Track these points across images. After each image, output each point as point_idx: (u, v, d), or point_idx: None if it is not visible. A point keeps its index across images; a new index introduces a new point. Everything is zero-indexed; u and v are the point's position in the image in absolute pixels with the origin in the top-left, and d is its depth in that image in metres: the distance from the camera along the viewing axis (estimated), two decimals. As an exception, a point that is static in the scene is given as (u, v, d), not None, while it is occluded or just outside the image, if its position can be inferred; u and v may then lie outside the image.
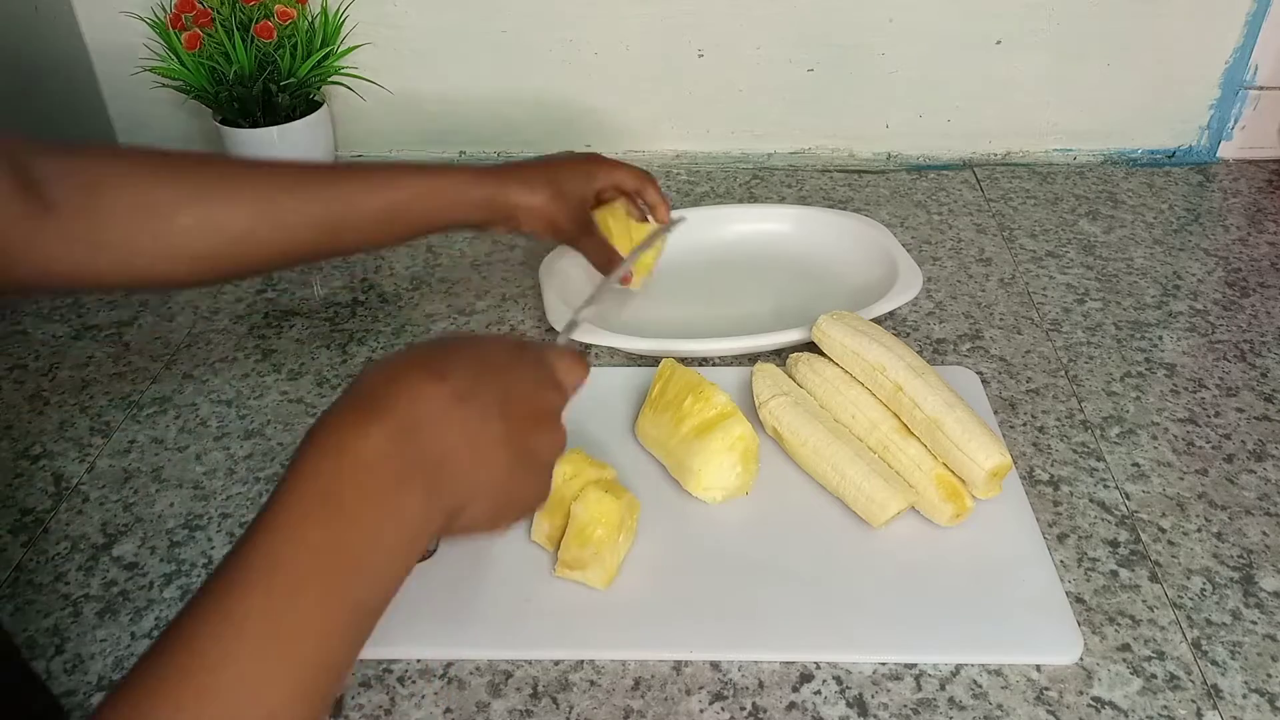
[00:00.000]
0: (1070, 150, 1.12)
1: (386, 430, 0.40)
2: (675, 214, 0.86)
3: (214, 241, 0.62)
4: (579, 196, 0.78)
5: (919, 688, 0.57)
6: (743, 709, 0.56)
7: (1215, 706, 0.56)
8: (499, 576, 0.64)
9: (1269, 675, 0.58)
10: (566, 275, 0.89)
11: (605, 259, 0.79)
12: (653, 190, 0.83)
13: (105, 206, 0.58)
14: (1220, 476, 0.71)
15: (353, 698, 0.57)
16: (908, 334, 0.85)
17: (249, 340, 0.87)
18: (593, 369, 0.80)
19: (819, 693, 0.57)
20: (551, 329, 0.85)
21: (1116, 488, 0.70)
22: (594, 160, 0.82)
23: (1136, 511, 0.68)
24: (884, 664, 0.59)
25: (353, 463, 0.39)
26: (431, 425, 0.41)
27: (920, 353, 0.78)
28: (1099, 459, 0.73)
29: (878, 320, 0.81)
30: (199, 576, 0.66)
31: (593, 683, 0.58)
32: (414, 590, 0.63)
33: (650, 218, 0.85)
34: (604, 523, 0.61)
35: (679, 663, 0.59)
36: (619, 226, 0.83)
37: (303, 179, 0.66)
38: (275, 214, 0.64)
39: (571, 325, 0.67)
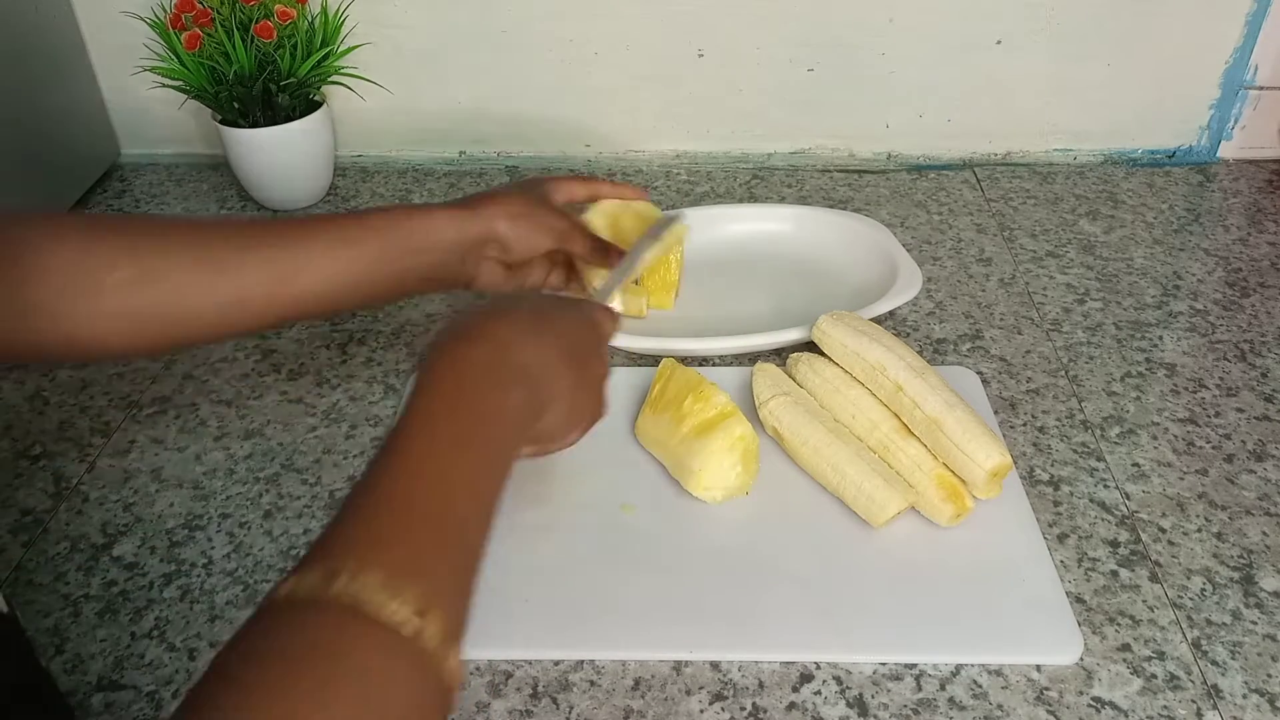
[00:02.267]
0: (1070, 150, 1.12)
1: (487, 346, 0.49)
2: (671, 212, 0.84)
3: (152, 296, 0.56)
4: (544, 196, 0.74)
5: (919, 688, 0.57)
6: (743, 709, 0.56)
7: (1215, 707, 0.56)
8: (499, 577, 0.64)
9: (1269, 675, 0.58)
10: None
11: (599, 250, 0.74)
12: (605, 185, 0.80)
13: (31, 266, 0.53)
14: (1220, 476, 0.71)
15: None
16: (908, 334, 0.85)
17: (248, 340, 0.87)
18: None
19: (819, 693, 0.57)
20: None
21: (1117, 488, 0.70)
22: (536, 177, 0.76)
23: (1137, 511, 0.68)
24: (884, 664, 0.59)
25: (470, 368, 0.47)
26: (518, 343, 0.50)
27: (920, 353, 0.78)
28: (1099, 459, 0.73)
29: (878, 320, 0.81)
30: (199, 576, 0.66)
31: (593, 683, 0.58)
32: (414, 590, 0.63)
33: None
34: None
35: (679, 663, 0.59)
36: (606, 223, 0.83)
37: (247, 229, 0.61)
38: (214, 270, 0.58)
39: (604, 291, 0.69)
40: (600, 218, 0.83)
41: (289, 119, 1.00)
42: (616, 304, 0.74)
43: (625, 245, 0.86)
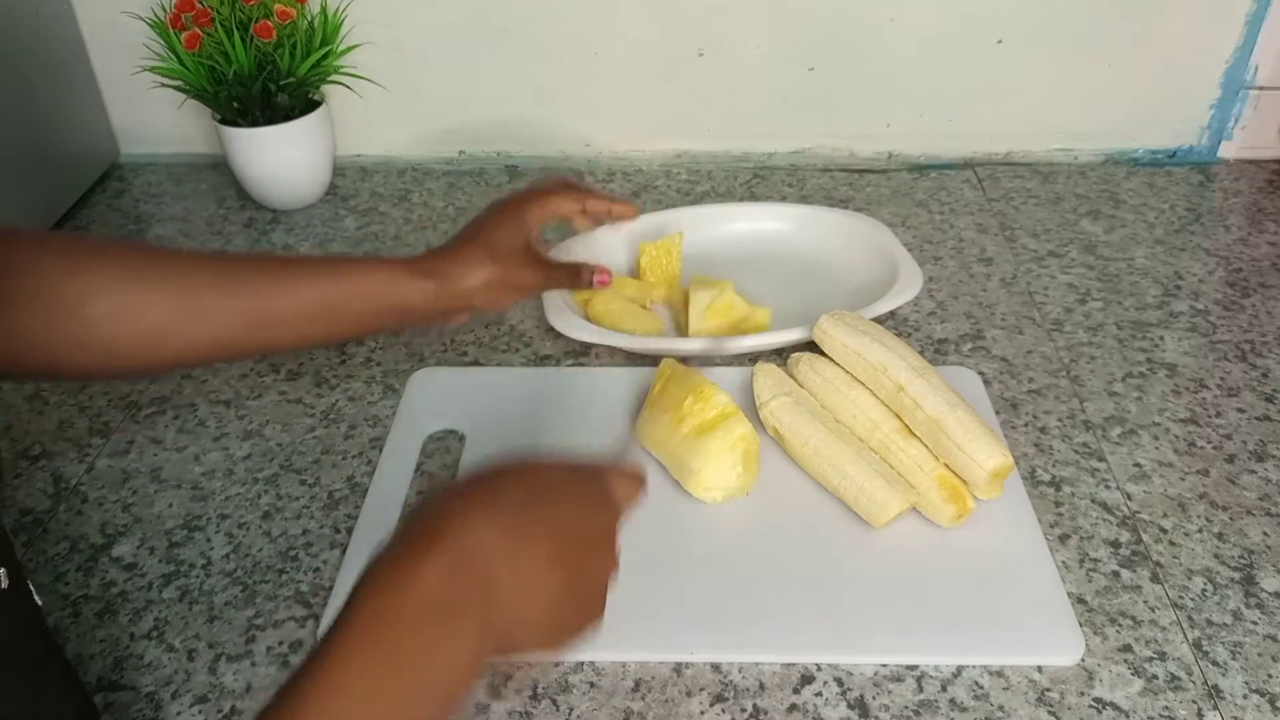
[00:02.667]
0: (1071, 150, 1.12)
1: (438, 567, 0.40)
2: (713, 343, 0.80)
3: (129, 332, 0.57)
4: (518, 246, 0.70)
5: (920, 689, 0.57)
6: (743, 710, 0.56)
7: (1216, 707, 0.56)
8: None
9: (1269, 675, 0.58)
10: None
11: (573, 275, 0.73)
12: (594, 199, 0.75)
13: (10, 291, 0.53)
14: (1221, 477, 0.71)
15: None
16: (909, 334, 0.85)
17: (248, 340, 0.87)
18: (593, 370, 0.81)
19: (820, 694, 0.57)
20: (551, 328, 0.85)
21: (1118, 488, 0.70)
22: (519, 201, 0.72)
23: (1138, 512, 0.68)
24: (885, 665, 0.58)
25: (406, 600, 0.40)
26: (484, 559, 0.42)
27: (921, 353, 0.78)
28: (1100, 459, 0.72)
29: (879, 320, 0.81)
30: (198, 577, 0.66)
31: (593, 684, 0.58)
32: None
33: (611, 222, 0.78)
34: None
35: (679, 664, 0.59)
36: (647, 261, 0.88)
37: (228, 270, 0.61)
38: (192, 306, 0.59)
39: (628, 441, 0.63)
40: (643, 257, 0.88)
41: (288, 118, 1.00)
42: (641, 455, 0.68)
43: (666, 279, 0.89)
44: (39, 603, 0.49)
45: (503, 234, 0.70)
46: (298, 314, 0.63)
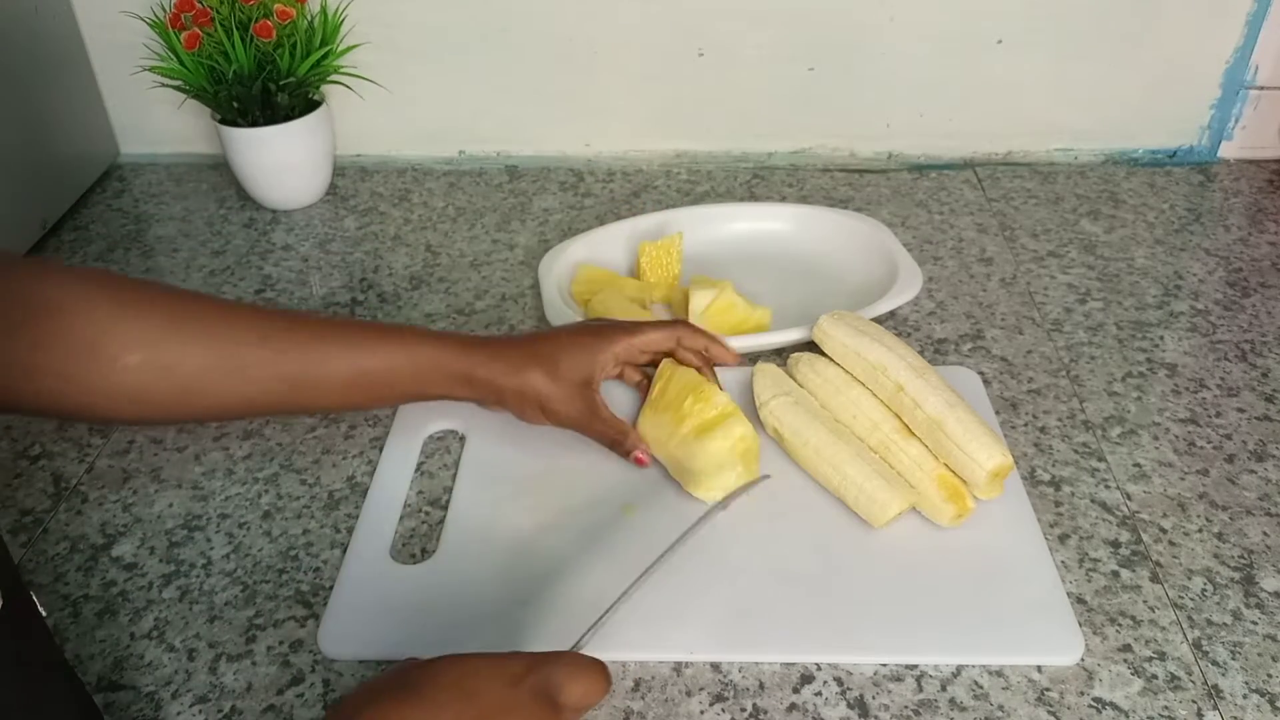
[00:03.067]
0: (1071, 150, 1.12)
1: None
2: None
3: (161, 385, 0.57)
4: (581, 378, 0.67)
5: (920, 689, 0.57)
6: (743, 710, 0.56)
7: (1216, 707, 0.56)
8: (499, 578, 0.64)
9: (1269, 675, 0.58)
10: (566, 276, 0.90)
11: (615, 437, 0.69)
12: (691, 338, 0.71)
13: (49, 331, 0.53)
14: (1221, 477, 0.71)
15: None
16: (909, 334, 0.85)
17: (248, 340, 0.87)
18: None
19: (820, 694, 0.57)
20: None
21: (1118, 488, 0.70)
22: (605, 332, 0.69)
23: (1138, 512, 0.68)
24: (885, 665, 0.58)
25: None
26: None
27: (921, 353, 0.78)
28: (1100, 459, 0.72)
29: (878, 320, 0.81)
30: (198, 577, 0.66)
31: (593, 683, 0.58)
32: (413, 595, 0.63)
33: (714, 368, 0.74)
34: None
35: (679, 664, 0.59)
36: (647, 261, 0.88)
37: (271, 327, 0.61)
38: (231, 364, 0.58)
39: (591, 631, 0.54)
40: (643, 257, 0.88)
41: (288, 118, 1.00)
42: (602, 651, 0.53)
43: (666, 279, 0.88)
44: (43, 613, 0.49)
45: (570, 357, 0.67)
46: (337, 380, 0.62)
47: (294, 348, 0.61)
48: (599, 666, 0.46)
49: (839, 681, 0.58)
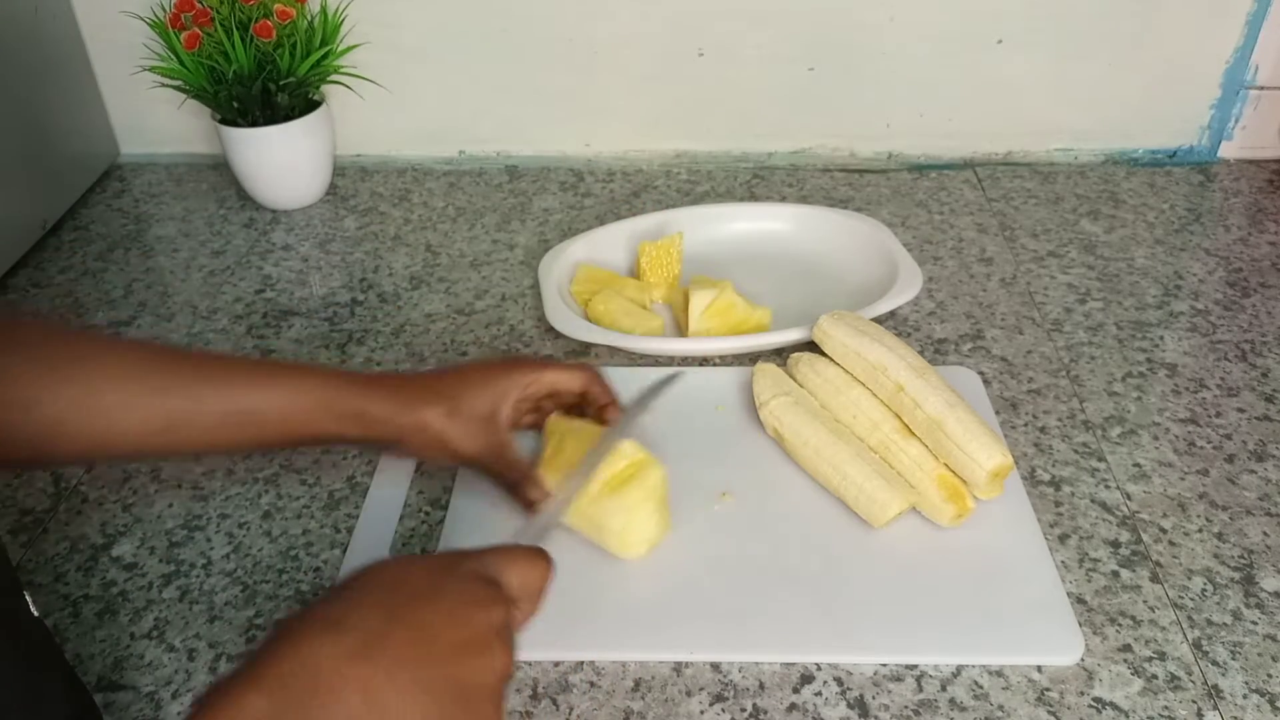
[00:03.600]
0: (1071, 150, 1.12)
1: (269, 701, 0.37)
2: (665, 374, 0.72)
3: (24, 421, 0.53)
4: (484, 413, 0.63)
5: (920, 689, 0.57)
6: (743, 710, 0.56)
7: (1216, 707, 0.56)
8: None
9: (1269, 675, 0.58)
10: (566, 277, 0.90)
11: (518, 480, 0.63)
12: (598, 388, 0.66)
13: None
14: (1221, 477, 0.71)
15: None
16: (909, 334, 0.85)
17: (248, 340, 0.87)
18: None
19: (820, 694, 0.57)
20: (551, 328, 0.85)
21: (1118, 488, 0.70)
22: (509, 368, 0.65)
23: (1138, 512, 0.68)
24: (885, 665, 0.58)
25: None
26: (327, 689, 0.37)
27: (921, 353, 0.78)
28: (1100, 459, 0.72)
29: (879, 320, 0.81)
30: (198, 576, 0.66)
31: (593, 684, 0.58)
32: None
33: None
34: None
35: (679, 664, 0.59)
36: (647, 261, 0.87)
37: (140, 366, 0.57)
38: (97, 402, 0.54)
39: (539, 529, 0.55)
40: (643, 257, 0.87)
41: (288, 118, 1.00)
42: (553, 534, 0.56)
43: (666, 279, 0.87)
44: (35, 614, 0.48)
45: (472, 391, 0.63)
46: (212, 418, 0.58)
47: (165, 384, 0.57)
48: (538, 551, 0.46)
49: (839, 681, 0.58)
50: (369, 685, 0.38)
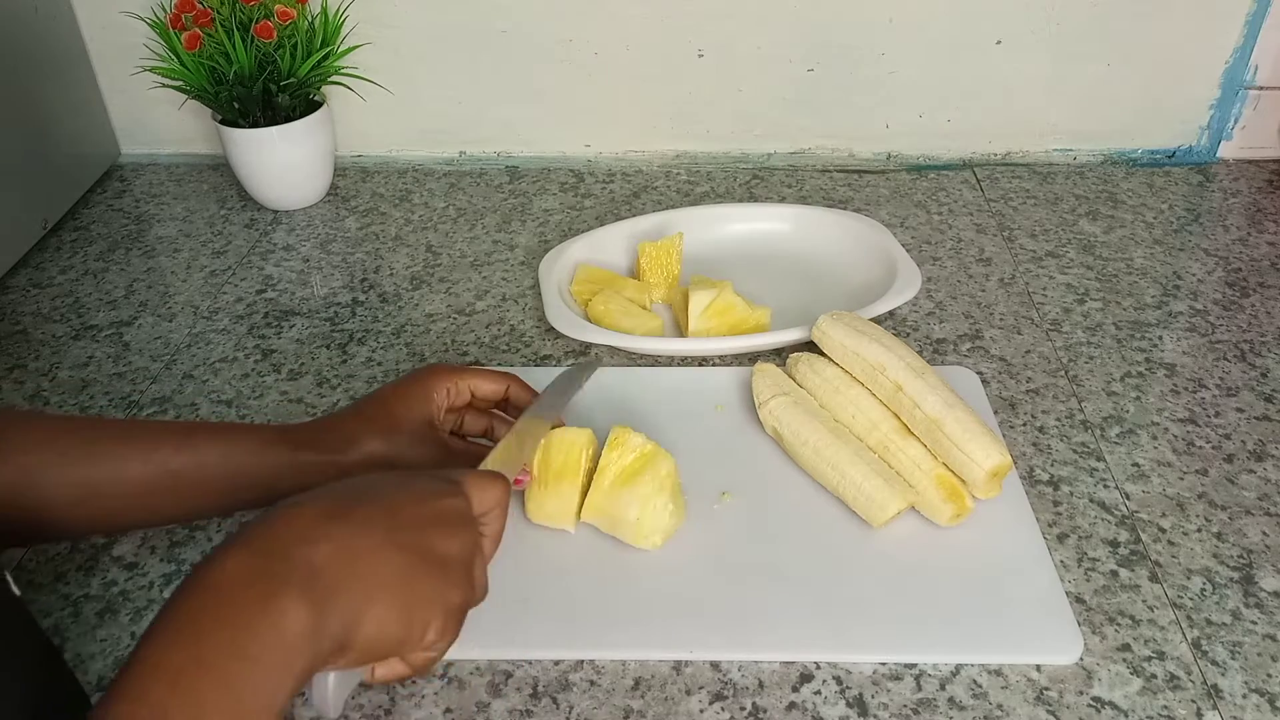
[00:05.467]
0: (1070, 150, 1.12)
1: (244, 554, 0.42)
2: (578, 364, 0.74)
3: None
4: (420, 421, 0.63)
5: (919, 688, 0.57)
6: (743, 709, 0.56)
7: (1215, 707, 0.56)
8: (498, 577, 0.64)
9: (1269, 675, 0.58)
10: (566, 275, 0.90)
11: (477, 456, 0.62)
12: (518, 389, 0.68)
13: None
14: (1220, 476, 0.71)
15: (352, 697, 0.57)
16: (908, 334, 0.85)
17: (249, 340, 0.87)
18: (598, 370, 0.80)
19: (819, 693, 0.57)
20: (551, 328, 0.85)
21: (1116, 488, 0.70)
22: (426, 375, 0.65)
23: (1136, 511, 0.68)
24: (884, 664, 0.59)
25: (208, 589, 0.41)
26: (298, 543, 0.43)
27: (920, 353, 0.78)
28: (1099, 459, 0.73)
29: (877, 320, 0.81)
30: (199, 576, 0.66)
31: (593, 683, 0.58)
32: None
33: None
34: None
35: (679, 663, 0.59)
36: (646, 261, 0.88)
37: (57, 435, 0.56)
38: (21, 471, 0.54)
39: (494, 460, 0.58)
40: (643, 257, 0.88)
41: (289, 119, 1.00)
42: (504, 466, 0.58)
43: (665, 280, 0.87)
44: (17, 593, 0.48)
45: (402, 405, 0.63)
46: (136, 483, 0.57)
47: (85, 449, 0.55)
48: (494, 473, 0.53)
49: (838, 680, 0.58)
50: (340, 537, 0.44)
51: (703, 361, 0.82)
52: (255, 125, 1.00)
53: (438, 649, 0.47)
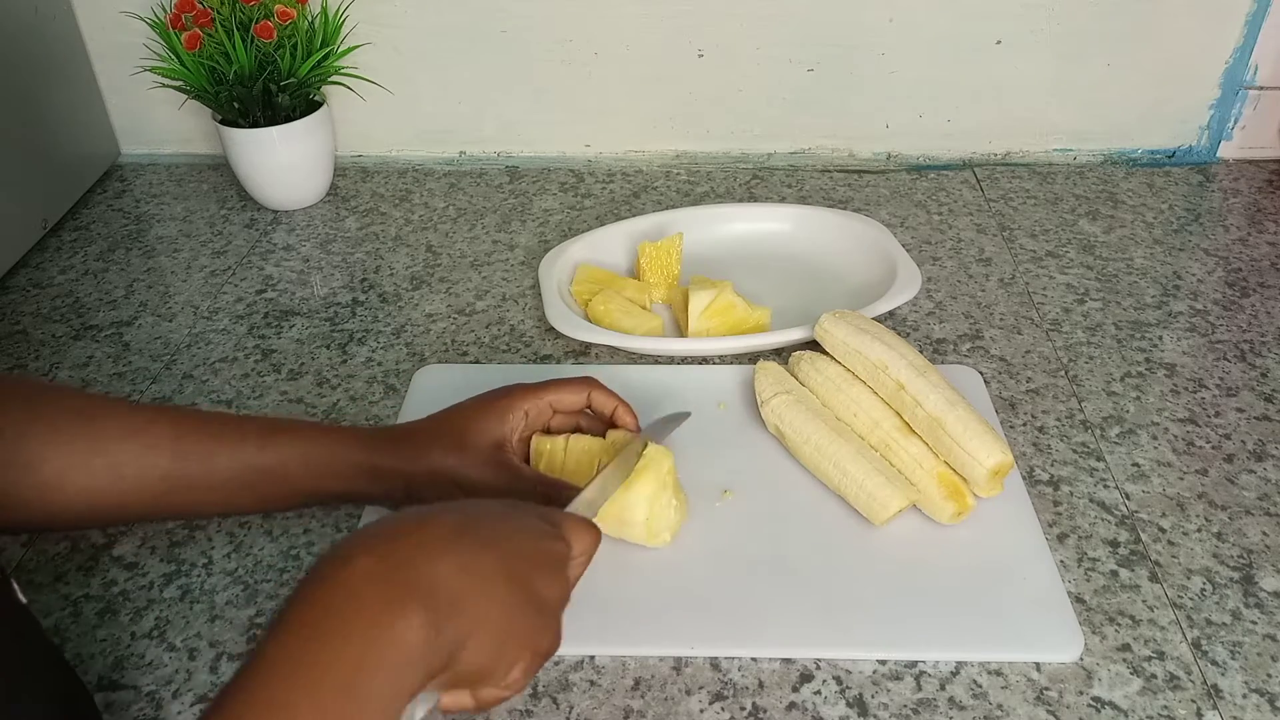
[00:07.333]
0: (1070, 150, 1.12)
1: (373, 557, 0.41)
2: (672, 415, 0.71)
3: (21, 484, 0.54)
4: (490, 443, 0.63)
5: (919, 687, 0.57)
6: (743, 709, 0.56)
7: (1215, 706, 0.56)
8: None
9: (1269, 675, 0.58)
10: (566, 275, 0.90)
11: (546, 495, 0.61)
12: (601, 396, 0.67)
13: None
14: (1220, 476, 0.71)
15: None
16: (908, 334, 0.85)
17: (249, 340, 0.87)
18: (593, 369, 0.81)
19: (819, 692, 0.57)
20: (551, 328, 0.85)
21: (1116, 488, 0.70)
22: (507, 395, 0.64)
23: (1136, 511, 0.68)
24: (884, 663, 0.59)
25: (337, 587, 0.41)
26: (425, 555, 0.42)
27: (920, 352, 0.78)
28: (1099, 459, 0.73)
29: (878, 320, 0.81)
30: (199, 576, 0.66)
31: (593, 682, 0.58)
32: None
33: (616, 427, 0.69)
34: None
35: (679, 662, 0.59)
36: (646, 261, 0.87)
37: (145, 426, 0.57)
38: (99, 461, 0.55)
39: (584, 505, 0.57)
40: (643, 257, 0.87)
41: (289, 119, 1.00)
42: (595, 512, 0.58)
43: (665, 280, 0.87)
44: (23, 601, 0.48)
45: (476, 425, 0.63)
46: (222, 478, 0.59)
47: (175, 444, 0.57)
48: (589, 521, 0.52)
49: (838, 680, 0.58)
50: (462, 555, 0.43)
51: (703, 361, 0.82)
52: (255, 125, 1.00)
53: (512, 690, 0.46)
